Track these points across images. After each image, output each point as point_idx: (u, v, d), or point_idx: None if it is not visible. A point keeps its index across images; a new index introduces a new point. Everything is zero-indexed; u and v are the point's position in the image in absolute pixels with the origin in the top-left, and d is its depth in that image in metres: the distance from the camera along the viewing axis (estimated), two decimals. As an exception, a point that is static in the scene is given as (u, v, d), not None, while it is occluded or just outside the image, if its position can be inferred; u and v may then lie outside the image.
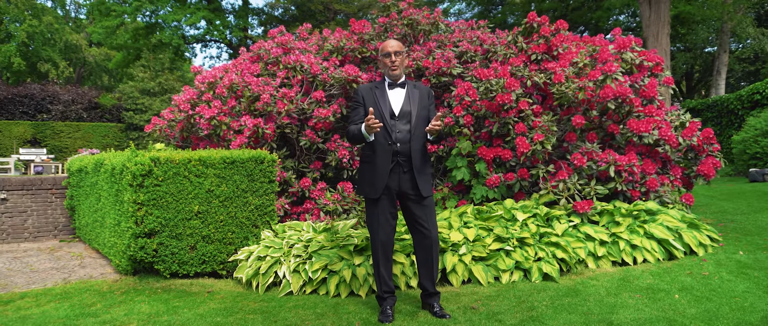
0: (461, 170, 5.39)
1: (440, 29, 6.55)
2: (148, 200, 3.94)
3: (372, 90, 3.29)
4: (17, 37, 25.41)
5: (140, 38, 22.34)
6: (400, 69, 3.30)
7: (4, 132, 18.28)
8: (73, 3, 33.06)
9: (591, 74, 4.81)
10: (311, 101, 5.71)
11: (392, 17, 6.28)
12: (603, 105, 5.14)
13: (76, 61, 30.55)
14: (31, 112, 19.30)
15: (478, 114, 5.48)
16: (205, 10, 21.85)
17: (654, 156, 5.43)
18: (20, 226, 6.25)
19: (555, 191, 4.85)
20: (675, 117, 5.53)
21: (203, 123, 5.87)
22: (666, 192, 5.20)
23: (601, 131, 5.48)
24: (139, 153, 4.01)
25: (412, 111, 3.24)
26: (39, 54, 27.45)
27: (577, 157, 4.95)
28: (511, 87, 5.14)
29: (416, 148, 3.21)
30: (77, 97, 19.98)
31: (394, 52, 3.27)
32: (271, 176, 4.52)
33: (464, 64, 6.16)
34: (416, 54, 5.93)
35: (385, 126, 3.18)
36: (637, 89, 5.60)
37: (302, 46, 6.55)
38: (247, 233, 4.38)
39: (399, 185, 3.20)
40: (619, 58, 5.13)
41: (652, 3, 13.27)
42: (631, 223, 4.59)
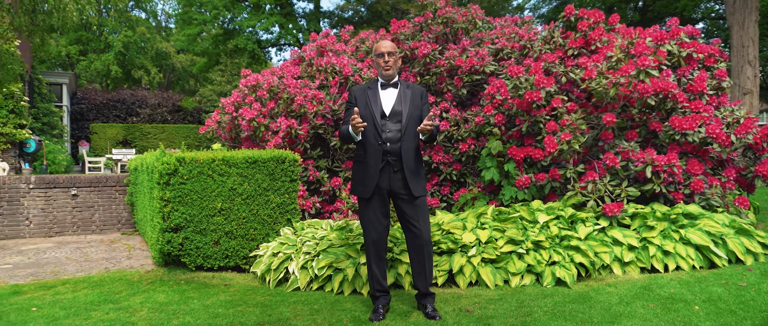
0: (491, 170, 5.27)
1: (478, 27, 6.43)
2: (173, 197, 4.21)
3: (365, 90, 3.33)
4: (114, 47, 27.77)
5: (219, 44, 23.66)
6: (394, 69, 3.31)
7: (99, 134, 20.07)
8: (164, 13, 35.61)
9: (623, 69, 4.53)
10: (342, 102, 5.82)
11: (427, 16, 6.25)
12: (643, 101, 4.83)
13: (166, 68, 32.88)
14: (122, 115, 21.03)
15: (510, 113, 5.34)
16: (277, 15, 22.74)
17: (703, 155, 5.02)
18: (88, 219, 6.88)
19: (583, 193, 4.63)
20: (729, 113, 5.08)
21: (244, 124, 6.17)
22: (714, 195, 4.79)
23: (644, 128, 5.15)
24: (167, 154, 4.30)
25: (404, 111, 3.23)
26: (133, 62, 29.85)
27: (610, 157, 4.68)
28: (541, 84, 4.96)
29: (407, 148, 3.21)
30: (163, 101, 21.52)
31: (387, 52, 3.28)
32: (292, 176, 4.67)
33: (500, 61, 6.02)
34: (450, 53, 5.87)
35: (375, 126, 3.20)
36: (685, 83, 5.21)
37: (341, 47, 6.69)
38: (268, 229, 4.55)
39: (390, 185, 3.21)
40: (657, 51, 4.78)
41: (737, -12, 12.19)
42: (666, 228, 4.28)
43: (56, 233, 6.71)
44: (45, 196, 6.64)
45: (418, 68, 6.05)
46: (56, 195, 6.70)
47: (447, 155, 5.79)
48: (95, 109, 20.74)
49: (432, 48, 5.93)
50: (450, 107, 5.85)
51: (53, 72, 17.85)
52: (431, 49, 5.91)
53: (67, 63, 30.31)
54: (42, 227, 6.63)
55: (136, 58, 29.67)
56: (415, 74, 6.10)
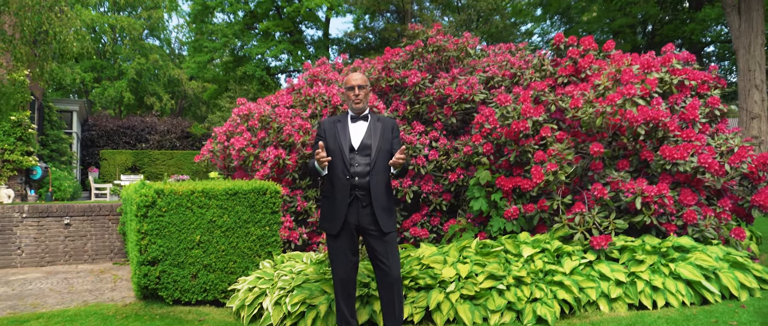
0: (479, 200, 5.17)
1: (471, 55, 6.40)
2: (151, 230, 4.17)
3: (334, 123, 3.28)
4: (127, 74, 28.29)
5: (229, 71, 23.98)
6: (364, 103, 3.26)
7: (109, 160, 20.30)
8: (177, 41, 36.31)
9: (610, 98, 4.44)
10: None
11: (418, 44, 6.24)
12: (633, 130, 4.72)
13: (178, 94, 33.37)
14: (132, 142, 21.28)
15: (498, 142, 5.25)
16: (286, 42, 23.03)
17: (697, 185, 4.88)
18: (81, 249, 6.87)
19: (571, 225, 4.50)
20: (723, 141, 4.94)
21: (234, 154, 6.15)
22: (708, 226, 4.63)
23: (636, 158, 5.02)
24: (147, 185, 4.27)
25: (373, 144, 3.17)
26: (146, 89, 30.34)
27: (598, 187, 4.56)
28: (527, 113, 4.89)
29: (376, 182, 3.14)
30: (172, 127, 21.76)
31: (357, 85, 3.24)
32: (273, 208, 4.61)
33: (491, 89, 5.97)
34: (440, 81, 5.82)
35: (344, 160, 3.14)
36: (678, 111, 5.09)
37: (334, 76, 6.69)
38: (248, 263, 4.48)
39: (358, 220, 3.13)
40: (645, 79, 4.69)
41: (742, 11, 12.07)
42: (656, 261, 4.13)
43: (48, 263, 6.71)
44: (37, 225, 6.65)
45: (409, 97, 6.01)
46: (49, 224, 6.71)
47: (437, 185, 5.70)
48: (105, 135, 21.03)
49: (422, 77, 5.89)
50: (440, 136, 5.79)
51: (64, 100, 18.17)
52: (421, 78, 5.88)
53: (82, 90, 30.93)
54: (33, 257, 6.62)
55: (148, 84, 30.17)
56: (406, 103, 6.06)
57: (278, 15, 23.70)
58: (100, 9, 30.91)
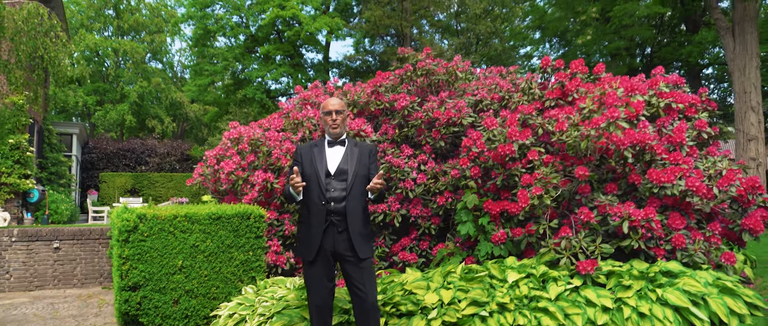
0: (466, 224, 5.13)
1: (460, 78, 6.42)
2: (132, 255, 4.14)
3: (311, 148, 3.27)
4: (130, 97, 28.54)
5: (230, 94, 24.17)
6: (341, 127, 3.26)
7: (108, 183, 20.34)
8: (179, 64, 36.70)
9: (594, 121, 4.43)
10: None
11: (407, 68, 6.27)
12: (620, 153, 4.70)
13: (180, 117, 33.60)
14: (132, 164, 21.35)
15: (486, 165, 5.23)
16: (286, 66, 23.24)
17: (686, 209, 4.83)
18: (70, 273, 6.83)
19: (557, 249, 4.45)
20: (711, 164, 4.91)
21: (223, 178, 6.15)
22: (698, 250, 4.57)
23: (625, 181, 4.99)
24: (129, 209, 4.25)
25: (349, 169, 3.16)
26: (148, 111, 30.58)
27: (584, 211, 4.52)
28: (513, 137, 4.88)
29: (352, 207, 3.11)
30: (171, 150, 21.84)
31: (335, 110, 3.24)
32: (257, 232, 4.58)
33: (480, 113, 5.97)
34: (428, 105, 5.83)
35: (319, 185, 3.13)
36: (665, 134, 5.07)
37: (324, 100, 6.71)
38: (231, 288, 4.44)
39: (334, 246, 3.10)
40: (630, 102, 4.69)
41: (736, 34, 12.15)
42: (643, 287, 4.06)
43: (36, 287, 6.66)
44: (27, 249, 6.63)
45: (398, 120, 6.02)
46: (38, 248, 6.68)
47: (425, 209, 5.67)
48: (105, 158, 21.12)
49: (411, 100, 5.91)
50: (428, 159, 5.78)
51: (64, 123, 18.31)
52: (410, 102, 5.89)
53: (85, 113, 31.19)
54: (22, 281, 6.58)
55: (150, 107, 30.42)
56: (395, 126, 6.06)
57: (279, 39, 23.98)
58: (104, 33, 31.38)
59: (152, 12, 33.09)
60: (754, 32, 11.85)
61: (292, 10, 21.22)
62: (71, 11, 29.87)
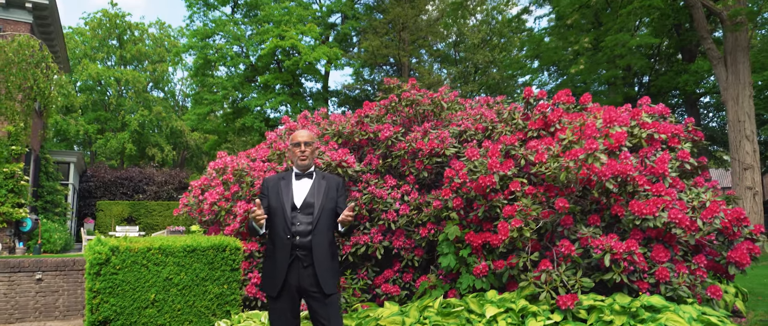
0: (448, 257, 5.06)
1: (446, 109, 6.41)
2: (104, 288, 4.07)
3: (278, 181, 3.23)
4: (130, 125, 28.70)
5: (229, 122, 24.31)
6: (310, 159, 3.23)
7: (105, 211, 20.28)
8: (181, 93, 37.02)
9: (573, 153, 4.40)
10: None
11: (391, 99, 6.27)
12: (602, 185, 4.65)
13: (180, 145, 33.72)
14: (129, 193, 21.32)
15: (468, 196, 5.18)
16: (285, 95, 23.41)
17: (670, 241, 4.75)
18: (52, 305, 6.73)
19: (537, 283, 4.36)
20: (694, 196, 4.84)
21: (206, 208, 6.11)
22: (682, 284, 4.47)
23: (608, 213, 4.93)
24: (102, 241, 4.20)
25: (316, 203, 3.11)
26: (148, 140, 30.72)
27: (565, 244, 4.45)
28: (493, 168, 4.84)
29: (319, 241, 3.05)
30: (169, 178, 21.84)
31: (304, 142, 3.21)
32: (233, 265, 4.51)
33: (464, 143, 5.95)
34: (412, 135, 5.82)
35: (285, 218, 3.07)
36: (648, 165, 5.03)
37: (312, 130, 6.71)
38: (204, 323, 4.35)
39: (299, 282, 3.03)
40: (609, 133, 4.66)
41: (729, 64, 12.20)
42: (625, 322, 3.96)
43: (17, 320, 6.55)
44: (8, 280, 6.55)
45: (382, 150, 6.00)
46: (20, 279, 6.61)
47: (409, 241, 5.60)
48: (103, 186, 21.11)
49: (394, 131, 5.90)
50: (412, 190, 5.73)
51: (62, 151, 18.36)
52: (393, 132, 5.88)
53: (86, 141, 31.36)
54: (2, 313, 6.48)
55: (151, 136, 30.57)
56: (379, 157, 6.04)
57: (278, 68, 24.22)
58: (107, 62, 31.78)
59: (155, 42, 33.55)
60: (746, 62, 11.89)
61: (291, 40, 21.48)
62: (75, 41, 30.33)
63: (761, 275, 7.55)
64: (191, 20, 24.93)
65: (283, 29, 21.98)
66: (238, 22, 24.28)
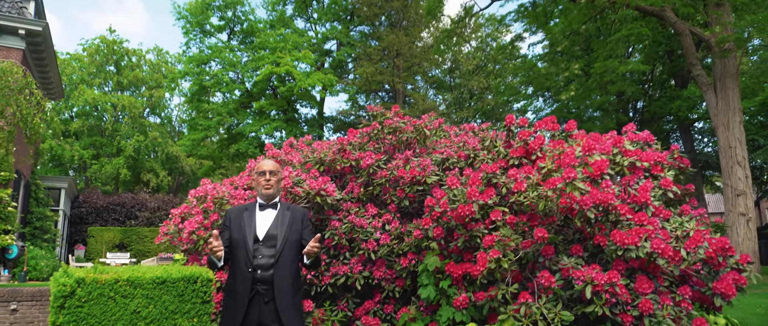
0: (428, 288, 4.93)
1: (429, 136, 6.36)
2: (67, 322, 3.94)
3: (241, 212, 3.15)
4: (125, 151, 28.67)
5: (224, 148, 24.30)
6: (274, 189, 3.15)
7: (96, 237, 20.08)
8: (178, 118, 37.08)
9: (551, 182, 4.32)
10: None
11: (374, 126, 6.22)
12: (583, 214, 4.56)
13: (175, 171, 33.63)
14: (121, 219, 21.15)
15: (449, 226, 5.08)
16: (280, 121, 23.47)
17: (654, 272, 4.64)
18: (26, 337, 6.55)
19: (516, 316, 4.23)
20: (678, 225, 4.75)
21: (185, 237, 5.99)
22: (667, 316, 4.35)
23: (591, 243, 4.83)
24: (69, 272, 4.09)
25: (279, 235, 3.02)
26: (143, 165, 30.64)
27: (545, 275, 4.34)
28: (472, 197, 4.75)
29: (281, 275, 2.95)
30: (162, 204, 21.70)
31: (269, 171, 3.14)
32: (204, 297, 4.39)
33: (447, 171, 5.87)
34: (393, 163, 5.74)
35: (247, 251, 2.98)
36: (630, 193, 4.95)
37: (291, 157, 6.63)
38: (173, 358, 4.20)
39: (260, 318, 2.92)
40: (589, 161, 4.59)
41: (718, 90, 12.22)
42: (606, 358, 3.83)
43: (-10, 352, 6.38)
44: (-18, 312, 6.39)
45: (363, 178, 5.92)
46: (-6, 311, 6.45)
47: (390, 271, 5.48)
48: (95, 212, 20.95)
49: (376, 159, 5.83)
50: (393, 218, 5.63)
51: (53, 177, 18.26)
52: (375, 160, 5.81)
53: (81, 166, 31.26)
54: (-26, 346, 6.31)
55: (146, 161, 30.50)
56: (361, 185, 5.95)
57: (273, 94, 24.31)
58: (104, 88, 31.91)
59: (152, 68, 33.77)
60: (735, 88, 11.93)
61: (286, 66, 21.61)
62: (73, 67, 30.51)
63: (753, 304, 7.41)
64: (187, 47, 25.15)
65: (278, 56, 22.14)
66: (234, 49, 24.50)
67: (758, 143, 21.68)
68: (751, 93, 15.49)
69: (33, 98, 7.10)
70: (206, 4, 24.26)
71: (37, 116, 7.08)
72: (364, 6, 24.90)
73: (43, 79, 15.79)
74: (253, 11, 25.36)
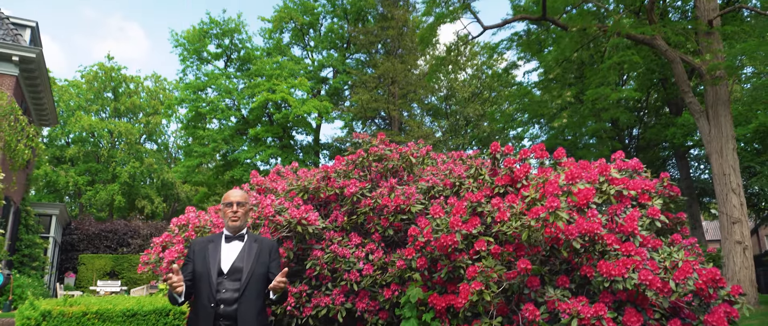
0: (410, 321, 4.78)
1: (415, 164, 6.27)
2: (31, 359, 3.78)
3: (207, 243, 3.03)
4: (120, 177, 28.53)
5: (219, 175, 24.19)
6: (242, 221, 3.04)
7: (87, 265, 19.80)
8: (174, 145, 37.04)
9: (534, 211, 4.21)
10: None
11: (359, 154, 6.14)
12: (569, 244, 4.44)
13: (171, 197, 33.44)
14: (113, 246, 20.91)
15: (433, 256, 4.96)
16: (275, 147, 23.43)
17: (643, 304, 4.50)
18: (0, 370, 6.34)
19: (499, 351, 4.08)
20: (666, 255, 4.63)
21: (164, 267, 5.85)
22: (656, 352, 4.20)
23: (578, 274, 4.69)
24: (35, 304, 3.95)
25: (245, 268, 2.90)
26: (138, 192, 30.47)
27: (529, 308, 4.20)
28: (455, 226, 4.64)
29: (245, 310, 2.82)
30: (155, 231, 21.47)
31: (236, 202, 3.04)
32: (176, 330, 4.23)
33: (432, 199, 5.77)
34: (377, 191, 5.64)
35: (210, 285, 2.85)
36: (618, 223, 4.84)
37: (276, 185, 6.53)
38: (142, 395, 4.03)
39: (222, 355, 2.78)
40: (570, 190, 4.49)
41: (711, 117, 12.19)
42: (592, 396, 3.67)
43: (-39, 387, 6.15)
44: (-46, 344, 6.19)
45: (347, 207, 5.81)
46: (-33, 343, 6.25)
47: (373, 302, 5.32)
48: (86, 239, 20.72)
49: (360, 187, 5.73)
50: (377, 248, 5.50)
51: (43, 203, 18.10)
52: (359, 188, 5.71)
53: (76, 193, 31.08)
54: (-56, 380, 6.09)
55: (141, 188, 30.34)
56: (345, 213, 5.84)
57: (269, 121, 24.33)
58: (101, 114, 31.97)
59: (150, 95, 33.89)
60: (727, 115, 11.91)
61: (282, 94, 21.67)
62: (70, 94, 30.60)
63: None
64: (184, 74, 25.26)
65: (274, 83, 22.22)
66: (230, 76, 24.61)
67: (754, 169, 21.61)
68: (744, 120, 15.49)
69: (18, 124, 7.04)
70: (204, 31, 24.48)
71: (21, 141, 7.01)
72: (360, 34, 25.13)
73: (37, 106, 15.79)
74: (250, 39, 25.58)
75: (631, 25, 13.44)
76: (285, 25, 26.22)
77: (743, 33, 12.39)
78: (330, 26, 26.29)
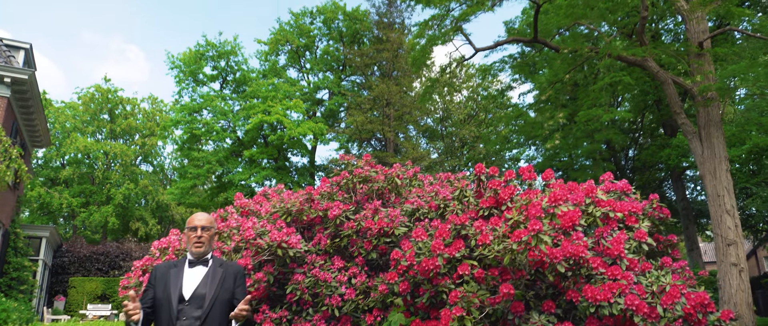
0: (392, 347, 4.63)
1: (400, 186, 6.18)
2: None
3: (169, 269, 2.91)
4: (115, 199, 28.32)
5: (214, 197, 24.02)
6: (207, 246, 2.92)
7: (77, 288, 19.50)
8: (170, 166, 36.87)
9: (516, 234, 4.11)
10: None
11: (343, 175, 6.05)
12: (554, 267, 4.33)
13: (165, 219, 33.19)
14: (105, 269, 20.63)
15: (416, 280, 4.83)
16: (270, 169, 23.33)
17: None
18: (-28, 399, 6.13)
19: (481, 380, 3.93)
20: (654, 279, 4.51)
21: (143, 291, 5.70)
22: (644, 381, 4.05)
23: (563, 298, 4.57)
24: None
25: (207, 294, 2.78)
26: (132, 213, 30.24)
27: (512, 335, 4.07)
28: (437, 250, 4.53)
29: (207, 339, 2.70)
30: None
31: (201, 226, 2.92)
32: (147, 358, 4.06)
33: (417, 222, 5.66)
34: (362, 214, 5.54)
35: (170, 313, 2.73)
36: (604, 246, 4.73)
37: (262, 209, 6.43)
38: None
39: (182, 387, 2.65)
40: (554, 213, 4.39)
41: (703, 138, 12.13)
42: None
43: None
44: (-74, 372, 5.99)
45: (331, 230, 5.69)
46: (-61, 371, 6.05)
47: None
48: (78, 262, 20.45)
49: (343, 209, 5.62)
50: (360, 272, 5.37)
51: (34, 226, 17.89)
52: (343, 210, 5.61)
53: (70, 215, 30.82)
54: None
55: (135, 209, 30.12)
56: (328, 236, 5.72)
57: (264, 143, 24.27)
58: (97, 136, 31.90)
59: (147, 116, 33.88)
60: (720, 136, 11.85)
61: (277, 115, 21.66)
62: (66, 115, 30.56)
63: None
64: (180, 95, 25.28)
65: (269, 104, 22.23)
66: (225, 98, 24.63)
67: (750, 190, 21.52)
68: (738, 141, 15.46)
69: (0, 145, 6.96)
70: (200, 54, 24.57)
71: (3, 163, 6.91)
72: (355, 56, 25.25)
73: (29, 127, 15.72)
74: (246, 61, 25.68)
75: (623, 47, 13.48)
76: (281, 48, 26.36)
77: (734, 55, 12.42)
78: (325, 48, 26.43)
